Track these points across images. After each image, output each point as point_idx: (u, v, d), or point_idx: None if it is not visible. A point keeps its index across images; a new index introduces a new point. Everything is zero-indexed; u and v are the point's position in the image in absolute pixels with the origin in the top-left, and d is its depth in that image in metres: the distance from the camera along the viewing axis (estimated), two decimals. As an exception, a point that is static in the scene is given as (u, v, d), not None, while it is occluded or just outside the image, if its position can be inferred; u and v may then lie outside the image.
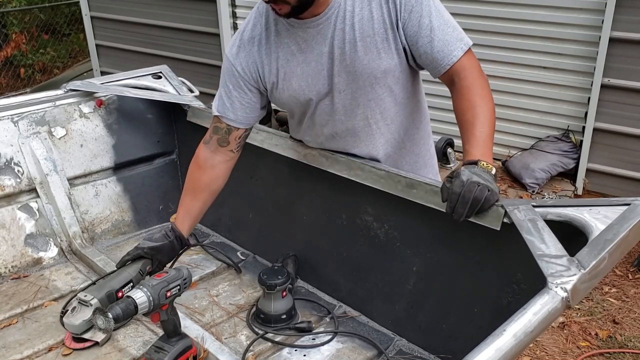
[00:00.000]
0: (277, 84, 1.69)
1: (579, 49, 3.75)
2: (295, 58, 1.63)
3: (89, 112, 2.29)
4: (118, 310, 1.40)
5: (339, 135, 1.75)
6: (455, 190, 1.37)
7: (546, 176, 3.83)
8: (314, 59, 1.62)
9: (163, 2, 5.41)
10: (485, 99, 1.55)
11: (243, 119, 1.76)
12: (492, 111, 1.54)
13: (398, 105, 1.70)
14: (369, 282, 1.83)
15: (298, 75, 1.65)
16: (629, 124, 3.64)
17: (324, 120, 1.73)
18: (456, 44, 1.55)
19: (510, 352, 0.96)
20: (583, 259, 1.15)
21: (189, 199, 1.82)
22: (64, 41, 8.42)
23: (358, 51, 1.57)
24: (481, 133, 1.49)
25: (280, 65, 1.65)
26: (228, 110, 1.75)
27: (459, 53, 1.55)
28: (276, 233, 2.13)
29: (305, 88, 1.66)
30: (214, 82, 5.70)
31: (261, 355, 1.65)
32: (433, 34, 1.54)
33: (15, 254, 2.06)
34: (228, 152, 1.80)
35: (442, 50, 1.54)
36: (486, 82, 1.59)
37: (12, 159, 2.10)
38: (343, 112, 1.69)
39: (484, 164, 1.41)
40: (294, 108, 1.77)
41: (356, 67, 1.59)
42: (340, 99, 1.66)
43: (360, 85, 1.63)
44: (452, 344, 1.61)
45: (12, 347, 1.66)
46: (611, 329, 2.86)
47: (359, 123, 1.70)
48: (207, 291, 1.95)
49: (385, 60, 1.59)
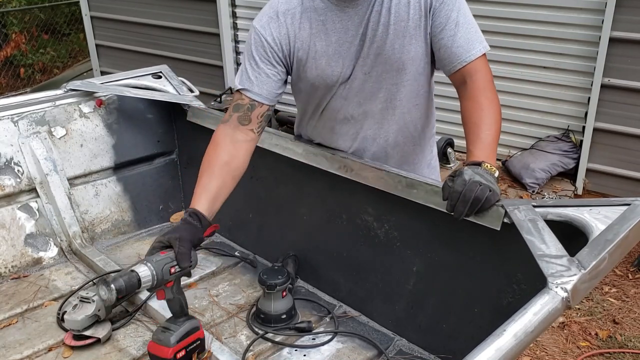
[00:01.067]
0: (307, 62, 1.67)
1: (579, 49, 3.75)
2: (328, 37, 1.64)
3: (89, 112, 2.29)
4: (121, 282, 1.38)
5: (354, 118, 1.75)
6: (456, 189, 1.37)
7: (546, 176, 3.83)
8: (347, 39, 1.63)
9: (163, 2, 5.41)
10: (494, 104, 1.58)
11: (268, 94, 1.69)
12: (499, 116, 1.56)
13: (418, 97, 1.72)
14: (369, 282, 1.83)
15: (329, 55, 1.65)
16: (629, 123, 3.65)
17: (339, 104, 1.73)
18: (476, 44, 1.59)
19: (510, 352, 0.96)
20: (583, 259, 1.15)
21: (206, 178, 1.64)
22: (64, 41, 8.43)
23: (390, 34, 1.60)
24: (487, 136, 1.51)
25: (312, 43, 1.65)
26: (253, 84, 1.68)
27: (477, 53, 1.59)
28: (276, 233, 2.13)
29: (334, 68, 1.66)
30: (214, 82, 5.75)
31: (261, 355, 1.65)
32: (457, 28, 1.58)
33: (15, 254, 2.06)
34: (249, 132, 1.70)
35: (462, 46, 1.58)
36: (495, 90, 1.62)
37: (12, 159, 2.10)
38: (363, 95, 1.70)
39: (487, 166, 1.42)
40: (316, 90, 1.73)
41: (386, 51, 1.61)
42: (363, 81, 1.67)
43: (387, 69, 1.64)
44: (452, 344, 1.61)
45: (12, 347, 1.66)
46: (611, 329, 2.86)
47: (377, 106, 1.71)
48: (207, 291, 1.95)
49: (415, 47, 1.62)
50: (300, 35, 1.65)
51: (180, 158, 2.51)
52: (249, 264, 2.11)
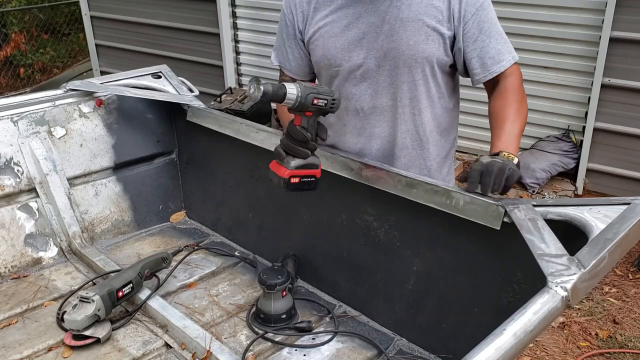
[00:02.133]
0: (315, 39, 1.73)
1: (579, 49, 3.75)
2: (340, 20, 1.68)
3: (88, 112, 2.29)
4: (270, 87, 1.44)
5: (363, 111, 1.77)
6: (475, 168, 1.43)
7: (546, 176, 3.83)
8: (359, 27, 1.66)
9: (163, 2, 5.41)
10: (521, 104, 1.63)
11: (299, 70, 1.83)
12: (524, 116, 1.62)
13: (430, 100, 1.73)
14: (369, 282, 1.83)
15: (337, 37, 1.69)
16: (629, 123, 3.65)
17: (350, 94, 1.76)
18: (506, 55, 1.64)
19: (510, 351, 0.96)
20: (583, 258, 1.15)
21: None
22: (64, 41, 8.43)
23: (407, 30, 1.62)
24: (511, 130, 1.57)
25: (325, 23, 1.70)
26: (285, 60, 1.84)
27: (507, 64, 1.64)
28: (276, 233, 2.13)
29: (340, 51, 1.70)
30: (214, 82, 5.76)
31: (261, 355, 1.65)
32: (490, 39, 1.62)
33: (15, 254, 2.06)
34: None
35: (494, 57, 1.62)
36: (524, 94, 1.67)
37: (11, 159, 2.10)
38: (374, 88, 1.72)
39: (505, 154, 1.48)
40: (322, 71, 1.79)
41: (401, 46, 1.63)
42: (375, 75, 1.70)
43: (398, 65, 1.66)
44: (452, 344, 1.61)
45: (12, 347, 1.65)
46: (611, 329, 2.86)
47: (386, 102, 1.73)
48: (207, 291, 1.95)
49: (430, 47, 1.63)
50: (313, 14, 1.73)
51: (180, 158, 2.50)
52: (249, 264, 2.11)
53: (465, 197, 1.50)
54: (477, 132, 4.14)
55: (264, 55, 4.99)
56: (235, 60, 5.20)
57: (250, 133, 2.08)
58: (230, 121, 2.18)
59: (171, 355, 1.63)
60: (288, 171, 1.56)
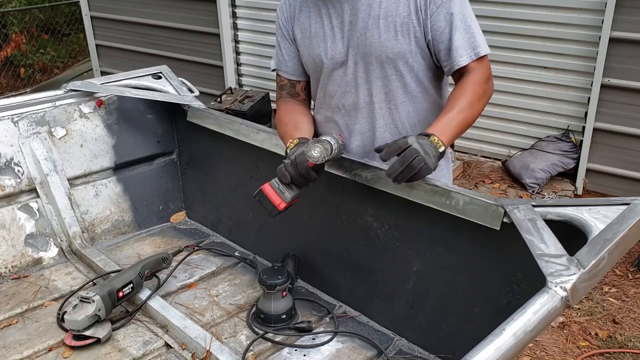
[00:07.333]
0: (302, 42, 1.79)
1: (579, 49, 3.75)
2: (321, 21, 1.74)
3: (89, 112, 2.29)
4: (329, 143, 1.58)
5: (344, 107, 1.81)
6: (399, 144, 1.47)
7: (546, 176, 3.83)
8: (337, 25, 1.71)
9: (163, 2, 5.41)
10: (478, 99, 1.63)
11: (295, 71, 1.87)
12: (476, 113, 1.63)
13: (407, 94, 1.75)
14: (369, 282, 1.83)
15: (319, 37, 1.75)
16: (629, 124, 3.64)
17: (333, 91, 1.80)
18: (474, 48, 1.63)
19: (509, 351, 0.96)
20: (583, 258, 1.15)
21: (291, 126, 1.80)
22: (64, 41, 8.42)
23: (379, 28, 1.65)
24: (454, 117, 1.58)
25: (308, 24, 1.76)
26: (282, 63, 1.87)
27: (475, 57, 1.64)
28: (276, 233, 2.13)
29: (323, 50, 1.75)
30: (214, 82, 5.75)
31: (261, 355, 1.65)
32: (455, 32, 1.62)
33: (15, 254, 2.06)
34: (302, 100, 1.92)
35: (462, 48, 1.63)
36: (487, 91, 1.67)
37: (12, 159, 2.10)
38: (353, 85, 1.76)
39: (435, 139, 1.51)
40: (310, 70, 1.84)
41: (373, 43, 1.67)
42: (353, 71, 1.74)
43: (371, 61, 1.70)
44: (452, 344, 1.61)
45: (12, 347, 1.66)
46: (611, 329, 2.86)
47: (364, 99, 1.76)
48: (207, 291, 1.95)
49: (400, 43, 1.66)
50: (299, 16, 1.78)
51: (180, 158, 2.51)
52: (248, 264, 2.11)
53: (465, 197, 1.50)
54: (477, 132, 4.14)
55: (264, 55, 4.99)
56: (235, 61, 5.20)
57: (251, 134, 2.08)
58: (231, 122, 2.18)
59: (171, 355, 1.63)
60: (285, 204, 1.61)
